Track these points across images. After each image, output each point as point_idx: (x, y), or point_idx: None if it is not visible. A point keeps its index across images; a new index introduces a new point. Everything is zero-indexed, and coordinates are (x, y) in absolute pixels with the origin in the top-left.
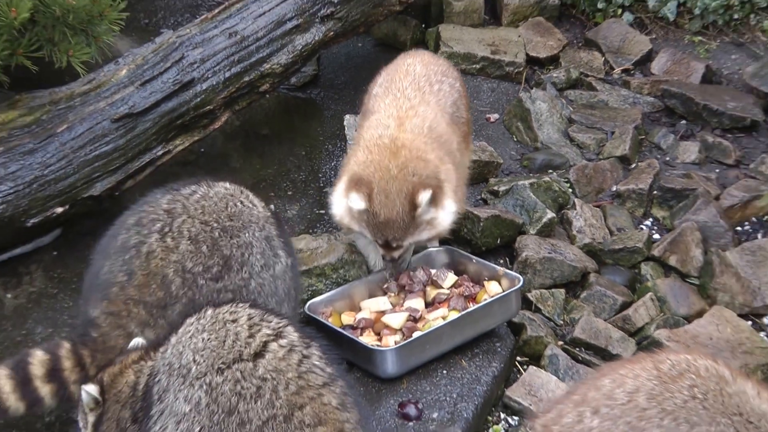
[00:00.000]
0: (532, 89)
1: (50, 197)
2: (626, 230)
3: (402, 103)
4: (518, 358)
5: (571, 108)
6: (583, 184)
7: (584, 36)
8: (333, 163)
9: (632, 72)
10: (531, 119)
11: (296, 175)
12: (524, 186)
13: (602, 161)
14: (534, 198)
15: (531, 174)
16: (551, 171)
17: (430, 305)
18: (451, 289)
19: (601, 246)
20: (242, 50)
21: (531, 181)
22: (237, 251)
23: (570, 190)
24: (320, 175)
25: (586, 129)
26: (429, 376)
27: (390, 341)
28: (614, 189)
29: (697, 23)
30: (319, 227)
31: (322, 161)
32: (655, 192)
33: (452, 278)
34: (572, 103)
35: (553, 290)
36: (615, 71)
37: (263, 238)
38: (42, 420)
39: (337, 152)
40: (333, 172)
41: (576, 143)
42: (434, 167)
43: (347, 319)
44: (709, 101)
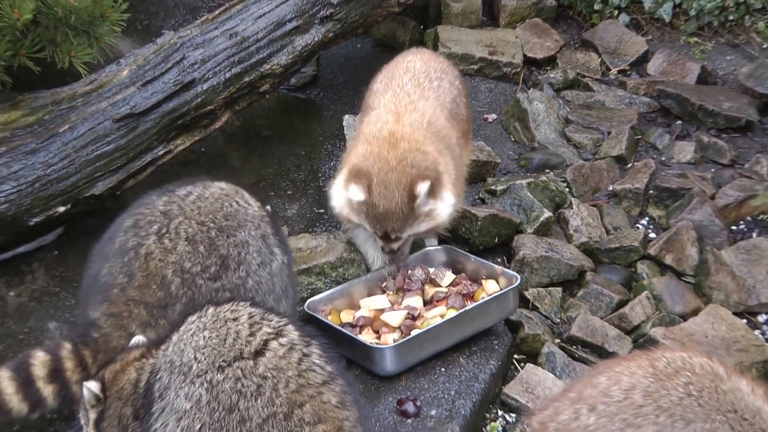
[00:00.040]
0: (530, 90)
1: (52, 196)
2: (622, 229)
3: (401, 99)
4: (516, 356)
5: (568, 108)
6: (580, 184)
7: (581, 37)
8: (332, 163)
9: (628, 73)
10: (528, 119)
11: (296, 175)
12: (521, 185)
13: (599, 161)
14: (531, 197)
15: (528, 173)
16: (548, 171)
17: (429, 303)
18: (450, 288)
19: (598, 245)
20: (242, 51)
21: (528, 181)
22: (234, 250)
23: (567, 190)
24: (320, 175)
25: (583, 129)
26: (427, 374)
27: (389, 339)
28: (611, 188)
29: (693, 24)
30: (319, 226)
31: (322, 161)
32: (651, 191)
33: (450, 277)
34: (569, 104)
35: (550, 289)
36: (611, 72)
37: (259, 237)
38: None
39: (337, 152)
40: (332, 172)
41: (573, 143)
42: (433, 159)
43: (346, 317)
44: (705, 102)
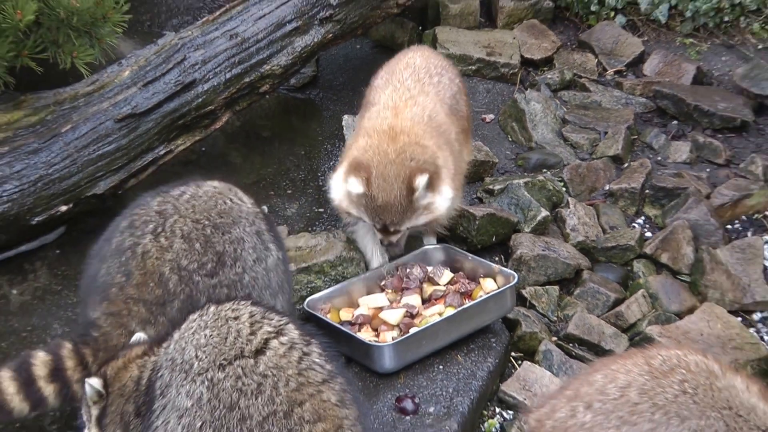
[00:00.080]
0: (527, 90)
1: (54, 196)
2: (619, 228)
3: (402, 94)
4: (513, 354)
5: (565, 108)
6: (577, 183)
7: (578, 38)
8: (332, 163)
9: (625, 73)
10: (525, 119)
11: (295, 174)
12: (519, 185)
13: (595, 161)
14: (528, 197)
15: (526, 173)
16: (545, 170)
17: (427, 302)
18: (448, 286)
19: (594, 244)
20: (243, 52)
21: (526, 180)
22: (230, 247)
23: (564, 189)
24: (319, 174)
25: (580, 129)
26: (426, 371)
27: (387, 337)
28: (607, 188)
29: (689, 26)
30: (318, 225)
31: (321, 161)
32: (647, 191)
33: (448, 275)
34: (566, 104)
35: (547, 287)
36: (608, 72)
37: (254, 233)
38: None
39: (336, 152)
40: (332, 172)
41: (570, 143)
42: (432, 153)
43: (345, 316)
44: (700, 102)
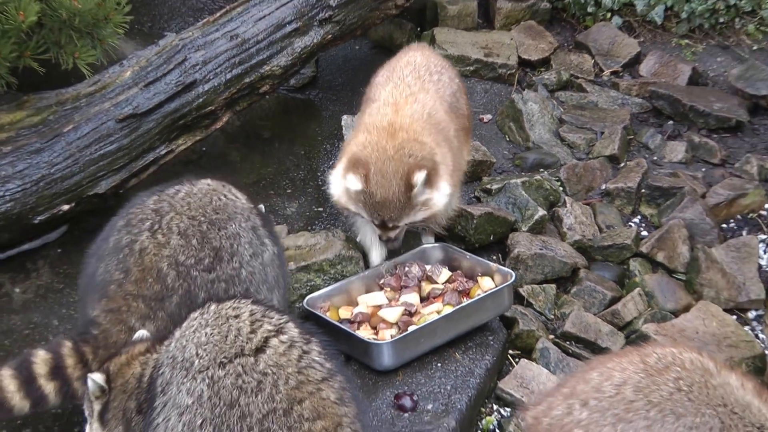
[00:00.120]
0: (524, 90)
1: (57, 195)
2: (615, 227)
3: (402, 90)
4: (510, 352)
5: (562, 109)
6: (574, 183)
7: (574, 39)
8: (331, 163)
9: (621, 74)
10: (523, 120)
11: (295, 174)
12: (516, 184)
13: (592, 160)
14: (526, 196)
15: (523, 173)
16: (542, 170)
17: (425, 300)
18: (446, 285)
19: (591, 243)
20: (243, 53)
21: (523, 180)
22: (226, 242)
23: (561, 189)
24: (318, 174)
25: (577, 129)
26: (424, 369)
27: (386, 335)
28: (603, 187)
29: (684, 27)
30: (318, 224)
31: (321, 160)
32: (644, 190)
33: (446, 274)
34: (563, 104)
35: (545, 285)
36: (604, 73)
37: (249, 228)
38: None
39: (335, 152)
40: (331, 169)
41: (566, 143)
42: (430, 149)
43: (345, 314)
44: (696, 102)
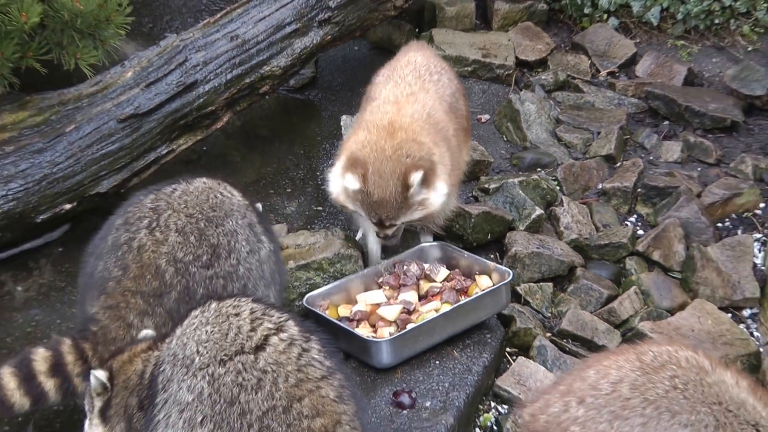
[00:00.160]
0: (522, 91)
1: (59, 194)
2: (611, 226)
3: (403, 89)
4: (508, 349)
5: (559, 109)
6: (570, 182)
7: (571, 40)
8: (330, 162)
9: (617, 74)
10: (520, 120)
11: (295, 174)
12: (514, 184)
13: (588, 160)
14: (523, 195)
15: (520, 172)
16: (540, 169)
17: (424, 298)
18: (444, 283)
19: (588, 241)
20: (243, 53)
21: (520, 179)
22: (224, 239)
23: (558, 188)
24: (318, 174)
25: (573, 129)
26: (422, 367)
27: (385, 333)
28: (600, 187)
29: (680, 28)
30: (317, 223)
31: (320, 160)
32: (640, 190)
33: (445, 272)
34: (560, 105)
35: (542, 284)
36: (601, 74)
37: (246, 225)
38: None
39: (334, 151)
40: (331, 166)
41: (563, 143)
42: (428, 150)
43: (344, 312)
44: (691, 103)
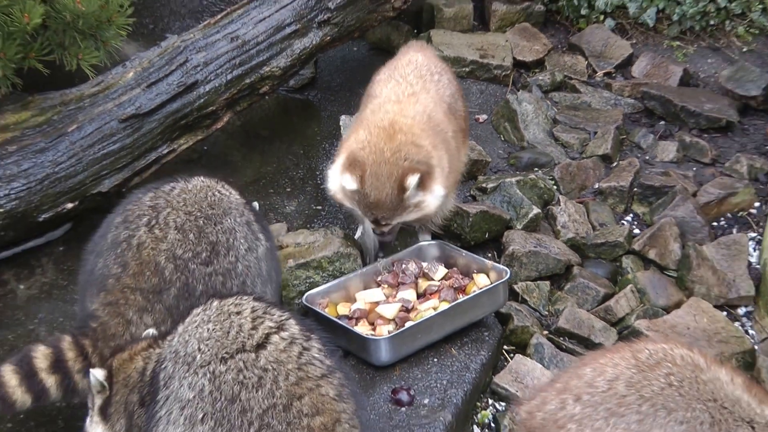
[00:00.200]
0: (519, 91)
1: (61, 194)
2: (608, 225)
3: (404, 89)
4: (505, 347)
5: (556, 109)
6: (567, 182)
7: (568, 41)
8: (329, 162)
9: (614, 75)
10: (518, 120)
11: (294, 173)
12: (511, 183)
13: (585, 160)
14: (520, 195)
15: (518, 172)
16: (537, 169)
17: (422, 296)
18: (442, 281)
19: (584, 240)
20: (243, 54)
21: (517, 179)
22: (222, 237)
23: (555, 187)
24: (317, 173)
25: (570, 129)
26: (420, 364)
27: (383, 330)
28: (597, 186)
29: (676, 29)
30: (317, 222)
31: (319, 160)
32: (636, 189)
33: (443, 271)
34: (557, 105)
35: (539, 282)
36: (597, 74)
37: (244, 223)
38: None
39: (334, 151)
40: (331, 163)
41: (560, 143)
42: (426, 153)
43: (343, 310)
44: (687, 103)
